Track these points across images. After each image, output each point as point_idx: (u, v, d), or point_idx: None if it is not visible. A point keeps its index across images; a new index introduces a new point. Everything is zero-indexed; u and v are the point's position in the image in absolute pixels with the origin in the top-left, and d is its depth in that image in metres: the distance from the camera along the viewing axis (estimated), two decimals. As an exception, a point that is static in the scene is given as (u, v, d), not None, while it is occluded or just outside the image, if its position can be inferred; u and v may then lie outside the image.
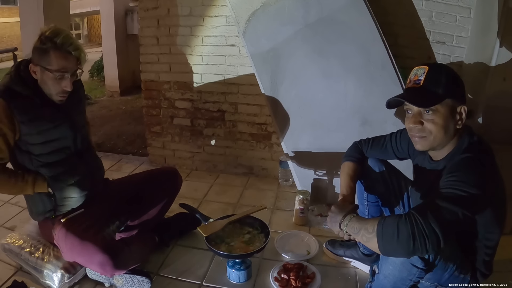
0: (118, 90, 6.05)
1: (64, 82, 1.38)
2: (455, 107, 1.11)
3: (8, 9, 14.86)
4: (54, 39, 1.34)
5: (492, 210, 1.11)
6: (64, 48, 1.35)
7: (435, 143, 1.15)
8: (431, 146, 1.16)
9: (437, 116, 1.11)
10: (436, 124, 1.11)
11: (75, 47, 1.38)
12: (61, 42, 1.35)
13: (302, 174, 2.21)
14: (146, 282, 1.49)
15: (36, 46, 1.36)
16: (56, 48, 1.34)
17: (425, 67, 1.13)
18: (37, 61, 1.37)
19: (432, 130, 1.12)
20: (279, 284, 1.52)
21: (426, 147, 1.17)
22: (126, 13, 6.01)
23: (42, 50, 1.35)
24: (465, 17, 2.13)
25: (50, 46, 1.34)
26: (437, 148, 1.18)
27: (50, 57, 1.34)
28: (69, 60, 1.38)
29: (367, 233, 1.04)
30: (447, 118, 1.11)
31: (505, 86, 1.95)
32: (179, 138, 2.77)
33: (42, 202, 1.47)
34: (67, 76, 1.38)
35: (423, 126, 1.13)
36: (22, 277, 1.55)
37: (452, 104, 1.11)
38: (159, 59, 2.64)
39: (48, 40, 1.34)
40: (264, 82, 2.13)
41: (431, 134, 1.13)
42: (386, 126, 1.95)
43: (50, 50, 1.34)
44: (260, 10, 2.03)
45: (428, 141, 1.14)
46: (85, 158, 1.56)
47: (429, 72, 1.12)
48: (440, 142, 1.14)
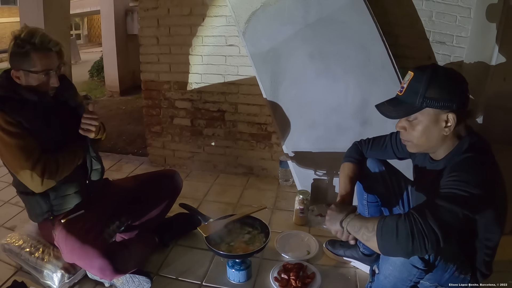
0: (118, 90, 6.06)
1: (50, 79, 1.38)
2: (438, 115, 1.09)
3: (8, 9, 14.87)
4: (32, 40, 1.31)
5: (493, 210, 1.11)
6: (44, 46, 1.33)
7: (421, 148, 1.17)
8: (418, 150, 1.19)
9: (418, 124, 1.12)
10: (417, 131, 1.12)
11: (54, 43, 1.36)
12: (40, 41, 1.32)
13: (302, 174, 2.21)
14: (146, 282, 1.49)
15: (14, 51, 1.32)
16: (36, 49, 1.32)
17: (411, 73, 1.12)
18: (19, 66, 1.34)
19: (414, 136, 1.14)
20: (279, 284, 1.52)
21: (416, 150, 1.20)
22: (126, 13, 6.01)
23: (22, 54, 1.31)
24: (465, 17, 2.13)
25: (29, 48, 1.31)
26: (429, 151, 1.19)
27: (32, 59, 1.32)
28: (51, 57, 1.37)
29: (367, 231, 1.04)
30: (428, 126, 1.11)
31: (505, 86, 1.95)
32: (179, 138, 2.77)
33: (38, 204, 1.47)
34: (53, 73, 1.38)
35: (406, 132, 1.15)
36: (22, 277, 1.55)
37: (435, 112, 1.09)
38: (159, 59, 2.64)
39: (25, 43, 1.31)
40: (264, 82, 2.13)
41: (413, 140, 1.15)
42: (386, 126, 1.93)
43: (31, 52, 1.31)
44: (260, 10, 2.03)
45: (414, 145, 1.17)
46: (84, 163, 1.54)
47: (411, 80, 1.11)
48: (426, 147, 1.16)
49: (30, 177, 1.34)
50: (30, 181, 1.35)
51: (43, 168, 1.34)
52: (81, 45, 15.41)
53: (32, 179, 1.34)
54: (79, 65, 9.48)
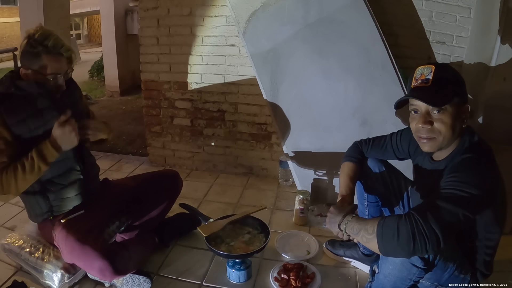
0: (118, 90, 6.06)
1: (57, 83, 1.39)
2: (461, 106, 1.11)
3: (8, 9, 14.86)
4: (44, 42, 1.32)
5: (493, 210, 1.11)
6: (56, 50, 1.34)
7: (443, 143, 1.13)
8: (440, 146, 1.14)
9: (446, 116, 1.10)
10: (445, 123, 1.10)
11: (66, 48, 1.37)
12: (53, 45, 1.33)
13: (302, 174, 2.21)
14: (147, 282, 1.49)
15: (26, 50, 1.34)
16: (48, 52, 1.33)
17: (431, 66, 1.12)
18: (29, 65, 1.35)
19: (441, 130, 1.10)
20: (279, 284, 1.52)
21: (435, 148, 1.15)
22: (126, 13, 6.02)
23: (34, 54, 1.33)
24: (465, 17, 2.13)
25: (41, 49, 1.32)
26: (443, 148, 1.16)
27: (43, 61, 1.33)
28: (61, 62, 1.38)
29: (367, 234, 1.04)
30: (455, 117, 1.10)
31: (505, 86, 1.95)
32: (179, 138, 2.77)
33: (38, 204, 1.47)
34: (60, 78, 1.39)
35: (433, 127, 1.11)
36: (22, 277, 1.55)
37: (459, 103, 1.10)
38: (159, 59, 2.64)
39: (38, 44, 1.32)
40: (264, 82, 2.13)
41: (440, 135, 1.11)
42: (386, 126, 1.95)
43: (42, 54, 1.33)
44: (260, 10, 2.03)
45: (437, 141, 1.13)
46: (79, 156, 1.53)
47: (436, 71, 1.11)
48: (447, 142, 1.13)
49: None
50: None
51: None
52: (81, 45, 15.41)
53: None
54: (79, 65, 9.45)
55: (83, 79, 7.43)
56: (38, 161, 1.30)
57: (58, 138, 1.32)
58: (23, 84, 1.36)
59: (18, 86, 1.35)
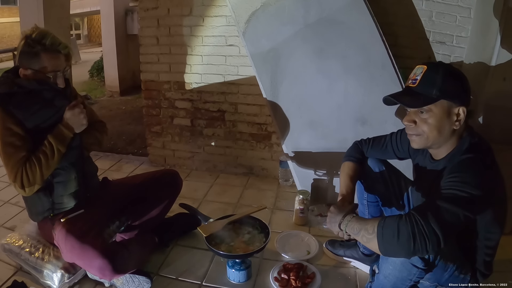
0: (118, 90, 6.06)
1: (57, 80, 1.41)
2: (451, 108, 1.10)
3: (8, 9, 14.88)
4: (42, 41, 1.35)
5: (493, 210, 1.11)
6: (54, 48, 1.37)
7: (428, 143, 1.16)
8: (425, 145, 1.17)
9: (431, 116, 1.11)
10: (429, 124, 1.12)
11: (64, 45, 1.41)
12: (50, 43, 1.36)
13: (302, 174, 2.21)
14: (146, 282, 1.49)
15: (25, 50, 1.36)
16: (47, 50, 1.36)
17: (424, 66, 1.13)
18: (27, 64, 1.38)
19: (424, 130, 1.13)
20: (279, 284, 1.52)
21: (421, 145, 1.18)
22: (126, 13, 6.02)
23: (32, 53, 1.36)
24: (465, 17, 2.13)
25: (40, 48, 1.35)
26: (434, 147, 1.18)
27: (42, 59, 1.36)
28: (60, 59, 1.41)
29: (367, 233, 1.04)
30: (441, 119, 1.11)
31: (505, 86, 1.95)
32: (179, 138, 2.77)
33: (40, 201, 1.47)
34: (59, 75, 1.41)
35: (416, 126, 1.14)
36: (22, 277, 1.55)
37: (448, 105, 1.10)
38: (159, 59, 2.64)
39: (36, 43, 1.35)
40: (264, 82, 2.13)
41: (424, 133, 1.14)
42: (386, 126, 1.95)
43: (41, 53, 1.35)
44: (260, 10, 2.03)
45: (422, 139, 1.16)
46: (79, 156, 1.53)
47: (426, 71, 1.12)
48: (434, 141, 1.15)
49: (15, 188, 1.38)
50: (18, 191, 1.39)
51: (21, 181, 1.35)
52: (81, 45, 15.42)
53: (17, 190, 1.38)
54: (79, 65, 9.49)
55: (83, 79, 7.43)
56: (56, 143, 1.38)
57: (69, 120, 1.42)
58: (24, 82, 1.39)
59: (20, 84, 1.38)
